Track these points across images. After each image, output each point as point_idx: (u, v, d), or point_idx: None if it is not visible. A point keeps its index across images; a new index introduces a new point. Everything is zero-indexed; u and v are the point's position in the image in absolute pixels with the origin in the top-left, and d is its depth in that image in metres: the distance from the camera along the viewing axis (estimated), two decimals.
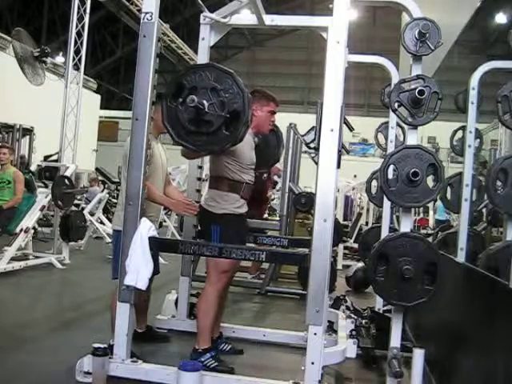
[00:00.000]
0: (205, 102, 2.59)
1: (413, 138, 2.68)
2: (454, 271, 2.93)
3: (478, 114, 3.54)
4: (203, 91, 2.63)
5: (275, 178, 6.52)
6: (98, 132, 20.35)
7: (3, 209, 5.87)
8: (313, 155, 6.59)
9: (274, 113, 3.40)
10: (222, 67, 2.69)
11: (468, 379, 2.40)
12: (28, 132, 12.04)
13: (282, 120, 4.38)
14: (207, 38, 3.64)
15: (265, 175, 5.64)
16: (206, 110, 2.59)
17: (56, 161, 7.48)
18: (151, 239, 2.77)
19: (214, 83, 2.63)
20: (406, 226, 2.66)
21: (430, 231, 13.35)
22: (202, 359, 2.98)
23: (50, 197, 6.24)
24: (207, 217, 3.17)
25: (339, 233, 5.24)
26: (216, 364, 3.01)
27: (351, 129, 4.91)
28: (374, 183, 4.98)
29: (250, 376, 2.81)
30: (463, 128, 3.70)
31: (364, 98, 27.77)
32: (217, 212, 3.12)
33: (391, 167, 2.56)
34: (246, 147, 3.13)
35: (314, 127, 3.11)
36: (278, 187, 6.38)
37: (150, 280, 2.83)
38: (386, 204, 4.17)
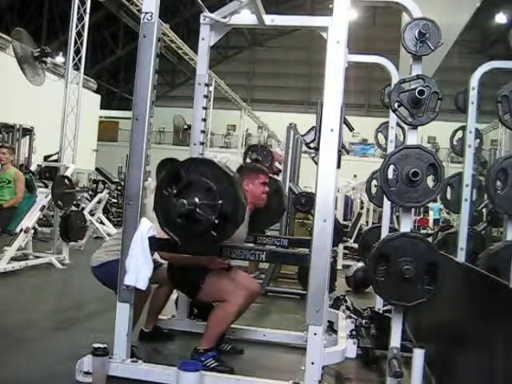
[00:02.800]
0: (197, 199, 2.51)
1: (413, 138, 2.67)
2: (453, 271, 2.92)
3: (478, 114, 3.54)
4: (198, 188, 2.54)
5: (276, 164, 6.53)
6: (98, 132, 20.37)
7: (3, 208, 5.87)
8: (313, 155, 6.59)
9: (265, 183, 3.43)
10: (222, 167, 2.61)
11: (468, 379, 2.40)
12: (28, 132, 12.05)
13: (282, 120, 4.37)
14: (207, 38, 3.63)
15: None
16: (197, 211, 2.52)
17: (56, 161, 7.49)
18: (151, 239, 2.77)
19: (210, 183, 2.54)
20: (405, 226, 2.66)
21: (429, 231, 13.41)
22: (203, 359, 2.98)
23: (49, 197, 6.25)
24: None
25: (339, 233, 5.24)
26: (216, 364, 3.01)
27: (351, 129, 4.91)
28: (374, 183, 4.98)
29: (250, 376, 2.81)
30: (463, 128, 3.70)
31: (364, 98, 27.80)
32: None
33: (391, 167, 2.56)
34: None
35: (313, 127, 3.12)
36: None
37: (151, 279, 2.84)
38: (386, 204, 4.16)
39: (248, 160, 6.25)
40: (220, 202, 2.52)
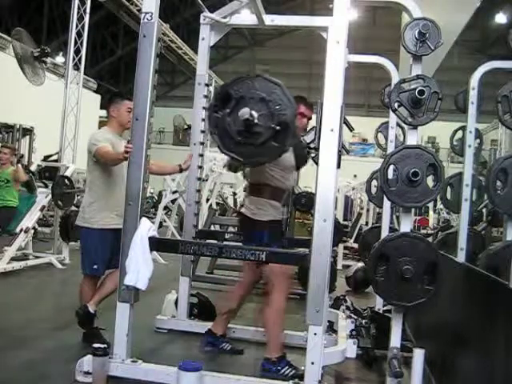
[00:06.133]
0: (254, 113, 2.54)
1: (413, 138, 2.68)
2: (453, 271, 2.93)
3: (478, 114, 3.54)
4: (251, 102, 2.57)
5: None
6: None
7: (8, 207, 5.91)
8: (313, 155, 6.59)
9: (302, 115, 3.35)
10: (271, 78, 2.64)
11: (468, 379, 2.40)
12: (28, 132, 12.05)
13: None
14: (207, 37, 3.64)
15: None
16: (256, 121, 2.54)
17: (56, 161, 7.48)
18: (151, 239, 2.77)
19: (262, 94, 2.57)
20: (406, 225, 2.66)
21: (429, 231, 13.40)
22: (280, 368, 2.98)
23: (49, 197, 6.25)
24: (252, 224, 3.17)
25: (339, 233, 5.24)
26: (294, 372, 2.96)
27: (351, 129, 4.91)
28: (374, 183, 4.98)
29: (250, 376, 2.81)
30: (463, 128, 3.70)
31: (364, 98, 27.73)
32: (262, 219, 3.14)
33: (391, 167, 2.56)
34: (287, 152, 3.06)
35: (314, 127, 3.11)
36: None
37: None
38: (386, 204, 4.17)
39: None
40: (275, 108, 2.55)
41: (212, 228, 6.68)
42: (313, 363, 2.59)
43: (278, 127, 2.54)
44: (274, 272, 3.09)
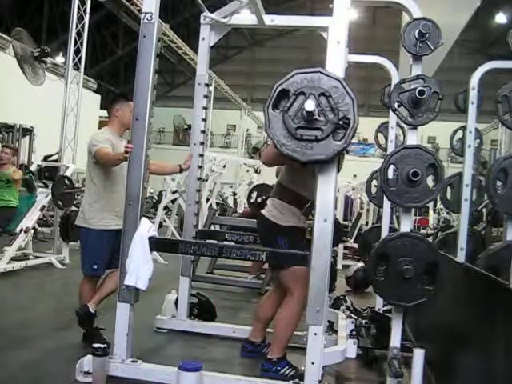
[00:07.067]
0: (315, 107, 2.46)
1: (413, 138, 2.68)
2: (454, 271, 2.93)
3: (478, 114, 3.54)
4: (311, 97, 2.49)
5: None
6: None
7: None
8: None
9: None
10: (330, 73, 2.56)
11: (468, 379, 2.40)
12: (28, 132, 12.04)
13: None
14: (207, 37, 3.64)
15: None
16: (316, 116, 2.47)
17: (56, 161, 7.48)
18: (151, 239, 2.77)
19: (323, 88, 2.50)
20: (406, 226, 2.66)
21: (429, 231, 13.40)
22: (279, 368, 2.98)
23: (49, 197, 6.24)
24: (272, 228, 3.10)
25: (339, 233, 5.23)
26: (294, 372, 2.96)
27: None
28: (374, 183, 4.98)
29: (250, 376, 2.81)
30: (463, 128, 3.70)
31: (364, 98, 27.73)
32: (282, 224, 3.07)
33: (391, 167, 2.56)
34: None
35: None
36: None
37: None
38: (386, 204, 4.16)
39: (252, 200, 6.33)
40: (336, 102, 2.46)
41: (212, 228, 6.68)
42: (313, 363, 2.59)
43: (340, 121, 2.47)
44: (288, 279, 3.06)
